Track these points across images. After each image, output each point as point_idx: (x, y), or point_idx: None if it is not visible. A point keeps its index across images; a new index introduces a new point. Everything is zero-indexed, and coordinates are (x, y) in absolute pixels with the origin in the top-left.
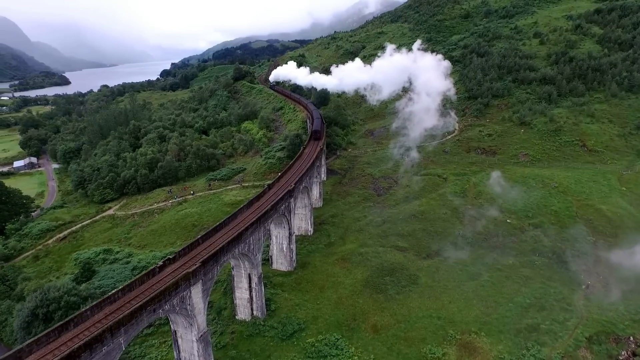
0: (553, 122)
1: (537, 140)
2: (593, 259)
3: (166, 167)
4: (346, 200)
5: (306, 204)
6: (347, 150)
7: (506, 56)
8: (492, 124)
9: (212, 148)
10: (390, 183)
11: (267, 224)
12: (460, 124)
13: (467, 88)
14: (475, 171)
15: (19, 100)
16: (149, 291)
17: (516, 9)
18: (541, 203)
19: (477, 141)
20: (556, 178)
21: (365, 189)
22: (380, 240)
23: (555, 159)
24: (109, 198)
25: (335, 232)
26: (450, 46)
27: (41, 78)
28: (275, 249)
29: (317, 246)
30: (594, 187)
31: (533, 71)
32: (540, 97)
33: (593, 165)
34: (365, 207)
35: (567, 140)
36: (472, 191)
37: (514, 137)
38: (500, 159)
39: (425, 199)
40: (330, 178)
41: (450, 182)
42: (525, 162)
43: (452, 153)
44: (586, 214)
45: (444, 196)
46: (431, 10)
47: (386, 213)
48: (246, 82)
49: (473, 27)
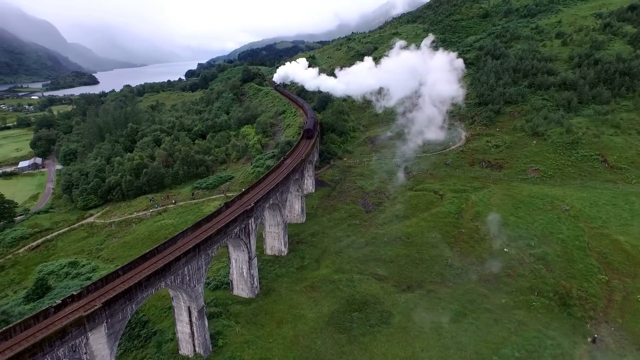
0: (570, 133)
1: (550, 154)
2: (604, 305)
3: (151, 173)
4: (331, 217)
5: (279, 222)
6: (342, 160)
7: (523, 58)
8: (502, 133)
9: (204, 154)
10: (382, 198)
11: (211, 251)
12: (468, 132)
13: (478, 93)
14: (476, 188)
15: (45, 99)
16: (27, 340)
17: (539, 8)
18: (547, 229)
19: (482, 153)
20: (568, 199)
21: (354, 204)
22: (358, 266)
23: (570, 176)
24: (92, 204)
25: (312, 253)
26: (465, 48)
27: (71, 78)
28: (235, 273)
29: (287, 269)
30: (612, 212)
31: (552, 75)
32: (559, 104)
33: (614, 184)
34: (351, 225)
35: (585, 155)
36: (469, 212)
37: (524, 149)
38: (506, 173)
39: (415, 219)
40: (319, 190)
41: (447, 200)
42: (534, 178)
43: (453, 166)
44: (600, 246)
45: (437, 216)
46: (448, 10)
47: (371, 233)
48: (254, 84)
49: (491, 28)
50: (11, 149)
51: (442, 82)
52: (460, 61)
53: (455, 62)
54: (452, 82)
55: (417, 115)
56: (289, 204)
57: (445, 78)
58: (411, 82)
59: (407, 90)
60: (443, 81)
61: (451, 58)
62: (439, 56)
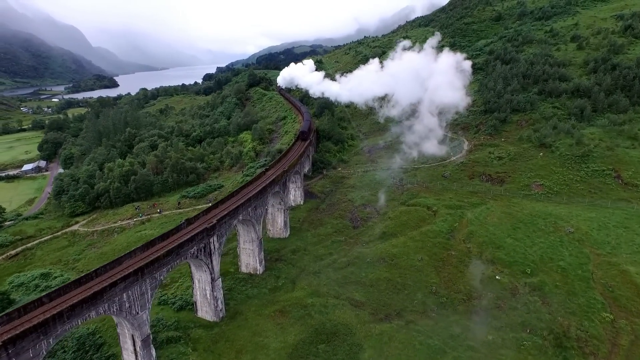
0: (581, 145)
1: (558, 168)
2: (608, 349)
3: (139, 180)
4: (316, 232)
5: (253, 239)
6: (336, 170)
7: (534, 63)
8: (507, 144)
9: (197, 161)
10: (371, 213)
11: (159, 274)
12: (471, 143)
13: (485, 100)
14: (473, 204)
15: (63, 102)
16: None
17: (555, 10)
18: (547, 254)
19: (483, 165)
20: (574, 220)
21: (342, 219)
22: (336, 289)
23: (578, 193)
24: (80, 211)
25: (289, 272)
26: (474, 52)
27: (92, 81)
28: (198, 294)
29: (260, 290)
30: (623, 237)
31: (565, 81)
32: (570, 113)
33: (628, 204)
34: (335, 242)
35: (596, 169)
36: (462, 231)
37: (529, 162)
38: (508, 189)
39: (403, 238)
40: (308, 202)
41: (440, 217)
42: (538, 194)
43: (451, 179)
44: (606, 277)
45: (426, 235)
46: (459, 13)
47: (354, 252)
48: (260, 88)
49: (503, 31)
50: (21, 151)
51: (445, 87)
52: (467, 63)
53: (462, 63)
54: (455, 88)
55: (414, 125)
56: (271, 218)
57: (448, 83)
58: (414, 87)
59: (411, 97)
60: (446, 87)
61: (457, 60)
62: (444, 58)
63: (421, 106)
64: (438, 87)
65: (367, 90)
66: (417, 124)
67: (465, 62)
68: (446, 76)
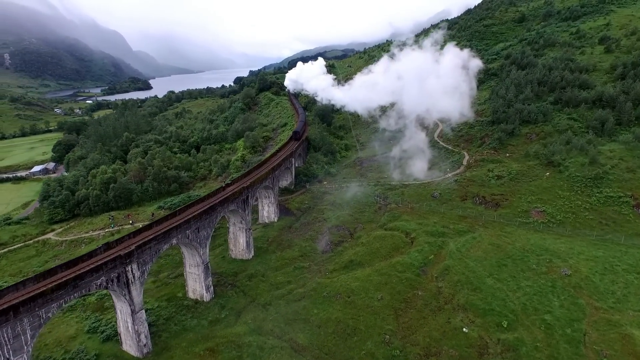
0: (595, 164)
1: (565, 191)
2: None
3: (118, 189)
4: (282, 255)
5: (198, 263)
6: (322, 184)
7: (553, 68)
8: (511, 160)
9: (185, 169)
10: (344, 236)
11: (44, 311)
12: (472, 157)
13: (494, 109)
14: (459, 231)
15: (94, 104)
16: None
17: (585, 9)
18: (532, 303)
19: (479, 185)
20: (574, 258)
21: (312, 241)
22: (281, 327)
23: (586, 224)
24: (58, 219)
25: (237, 302)
26: (490, 56)
27: (127, 83)
28: (121, 326)
29: (199, 321)
30: (634, 286)
31: (586, 89)
32: (589, 126)
33: None
34: (298, 268)
35: (610, 195)
36: (437, 266)
37: (532, 184)
38: (502, 214)
39: (369, 269)
40: (282, 219)
41: (416, 246)
42: (537, 223)
43: (441, 199)
44: (602, 341)
45: (395, 268)
46: (479, 14)
47: (314, 283)
48: (269, 93)
49: (524, 33)
50: (40, 152)
51: (443, 94)
52: (475, 63)
53: (469, 63)
54: (454, 95)
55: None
56: (233, 237)
57: (446, 89)
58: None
59: (408, 105)
60: (444, 93)
61: (463, 59)
62: (447, 58)
63: (411, 117)
64: (435, 93)
65: (365, 97)
66: (406, 137)
67: (473, 61)
68: (446, 80)
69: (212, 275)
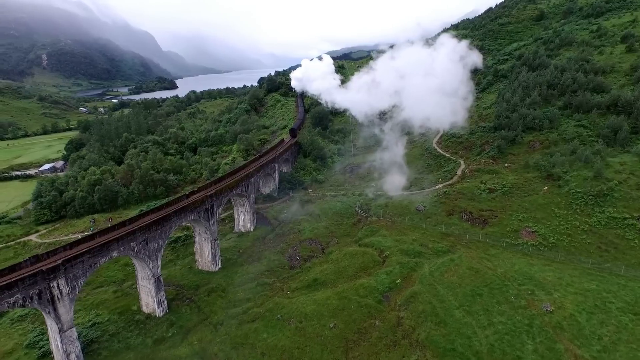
0: (599, 179)
1: (561, 209)
2: None
3: (103, 191)
4: (249, 268)
5: (149, 276)
6: (307, 191)
7: (566, 70)
8: (509, 171)
9: (174, 172)
10: (315, 251)
11: None
12: (468, 166)
13: (497, 114)
14: (438, 251)
15: (117, 103)
16: None
17: (610, 4)
18: (501, 345)
19: (468, 199)
20: (561, 291)
21: (282, 255)
22: (226, 351)
23: (582, 248)
24: (44, 220)
25: (188, 319)
26: (502, 57)
27: (154, 83)
28: (52, 344)
29: (144, 340)
30: (627, 331)
31: (600, 93)
32: (600, 134)
33: None
34: (261, 284)
35: (614, 216)
36: (404, 292)
37: (526, 199)
38: (489, 233)
39: (329, 291)
40: (259, 229)
41: (387, 267)
42: (527, 245)
43: (426, 213)
44: None
45: (357, 292)
46: (495, 12)
47: (273, 302)
48: (278, 94)
49: (541, 32)
50: (55, 150)
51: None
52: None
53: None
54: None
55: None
56: (198, 248)
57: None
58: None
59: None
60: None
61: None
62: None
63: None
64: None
65: (361, 100)
66: (390, 145)
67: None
68: (434, 80)
69: (173, 287)
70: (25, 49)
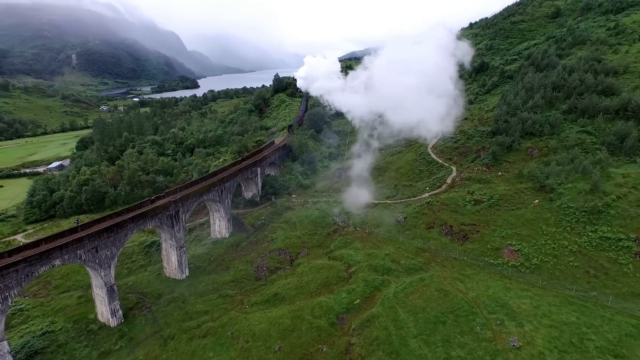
0: (594, 193)
1: (550, 226)
2: None
3: (90, 191)
4: (216, 278)
5: (101, 284)
6: (291, 197)
7: (575, 70)
8: (502, 180)
9: (166, 174)
10: (284, 262)
11: None
12: (459, 174)
13: (496, 117)
14: (409, 269)
15: (137, 101)
16: None
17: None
18: None
19: (452, 210)
20: (534, 323)
21: (250, 265)
22: None
23: (567, 272)
24: (34, 219)
25: (141, 331)
26: (511, 57)
27: (176, 82)
28: None
29: (91, 351)
30: None
31: (610, 95)
32: (605, 142)
33: None
34: (222, 296)
35: (607, 237)
36: (360, 315)
37: (513, 213)
38: (468, 250)
39: (285, 309)
40: (234, 235)
41: (350, 284)
42: (507, 265)
43: (405, 225)
44: None
45: (312, 311)
46: (509, 10)
47: (229, 316)
48: (284, 94)
49: (555, 31)
50: (68, 148)
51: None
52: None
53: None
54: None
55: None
56: (165, 255)
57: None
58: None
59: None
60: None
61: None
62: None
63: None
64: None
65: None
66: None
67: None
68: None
69: (136, 294)
70: (56, 50)
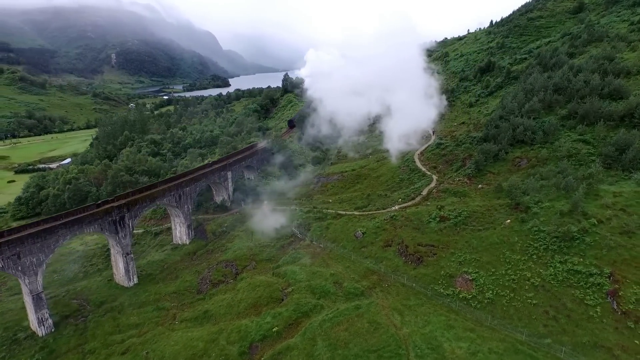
0: (572, 215)
1: (515, 253)
2: None
3: (72, 190)
4: (161, 287)
5: (27, 292)
6: (261, 203)
7: (581, 70)
8: (480, 194)
9: (153, 174)
10: (228, 276)
11: None
12: (438, 185)
13: (487, 122)
14: (349, 293)
15: (163, 100)
16: None
17: None
18: None
19: (413, 227)
20: None
21: (196, 276)
22: None
23: (523, 310)
24: (20, 216)
25: (64, 344)
26: (521, 56)
27: (207, 81)
28: None
29: None
30: None
31: (618, 100)
32: (602, 153)
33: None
34: (159, 309)
35: (578, 270)
36: (274, 346)
37: (478, 234)
38: (419, 275)
39: (205, 331)
40: (194, 242)
41: (280, 307)
42: (457, 297)
43: (363, 241)
44: None
45: (228, 337)
46: (525, 7)
47: (156, 332)
48: (292, 94)
49: (572, 27)
50: (86, 145)
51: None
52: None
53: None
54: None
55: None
56: (114, 261)
57: None
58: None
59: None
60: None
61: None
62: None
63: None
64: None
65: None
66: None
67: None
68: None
69: (79, 301)
70: (98, 49)
